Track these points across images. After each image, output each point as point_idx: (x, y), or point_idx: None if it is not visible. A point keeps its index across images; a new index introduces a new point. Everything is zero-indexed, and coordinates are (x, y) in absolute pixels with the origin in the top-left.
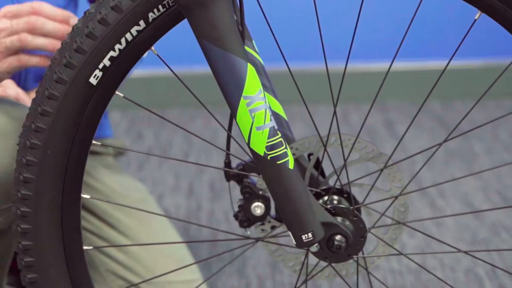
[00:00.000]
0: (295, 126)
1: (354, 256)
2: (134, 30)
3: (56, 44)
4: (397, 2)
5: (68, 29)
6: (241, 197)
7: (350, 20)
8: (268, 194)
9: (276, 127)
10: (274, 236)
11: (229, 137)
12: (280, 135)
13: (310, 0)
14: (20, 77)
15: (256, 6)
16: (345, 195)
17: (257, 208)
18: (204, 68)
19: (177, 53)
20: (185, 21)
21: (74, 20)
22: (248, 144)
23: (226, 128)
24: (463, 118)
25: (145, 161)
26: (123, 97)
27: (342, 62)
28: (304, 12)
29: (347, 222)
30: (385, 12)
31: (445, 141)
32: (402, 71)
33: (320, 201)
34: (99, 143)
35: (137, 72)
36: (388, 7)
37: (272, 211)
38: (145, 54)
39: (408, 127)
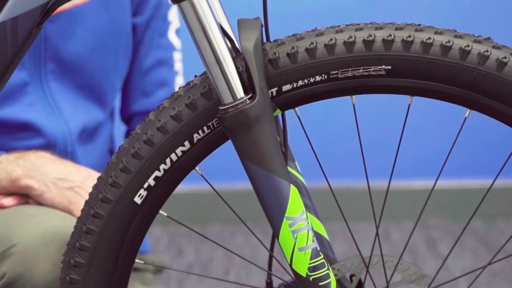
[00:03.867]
0: (336, 244)
1: None
2: (179, 151)
3: None
4: (438, 120)
5: None
6: None
7: (392, 137)
8: None
9: (318, 248)
10: None
11: (270, 257)
12: (322, 256)
13: (352, 120)
14: None
15: (298, 126)
16: None
17: None
18: (245, 184)
19: (218, 169)
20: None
21: None
22: (290, 264)
23: (267, 246)
24: (508, 240)
25: (185, 277)
26: (167, 216)
27: (382, 179)
28: (346, 131)
29: None
30: (427, 130)
31: (489, 263)
32: (444, 189)
33: None
34: (142, 261)
35: (178, 187)
36: (430, 125)
37: None
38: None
39: (451, 249)
